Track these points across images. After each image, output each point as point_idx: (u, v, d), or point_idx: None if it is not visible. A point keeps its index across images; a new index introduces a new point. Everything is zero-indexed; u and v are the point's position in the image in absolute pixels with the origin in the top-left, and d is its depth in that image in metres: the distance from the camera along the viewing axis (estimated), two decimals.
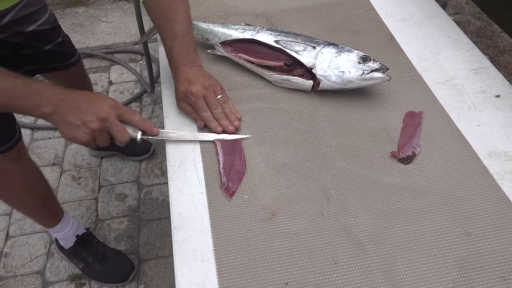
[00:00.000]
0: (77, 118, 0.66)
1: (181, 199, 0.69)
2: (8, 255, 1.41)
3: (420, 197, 0.69)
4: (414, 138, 0.77)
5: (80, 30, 2.24)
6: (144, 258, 1.40)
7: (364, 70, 0.80)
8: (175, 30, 0.79)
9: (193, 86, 0.76)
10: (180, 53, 0.79)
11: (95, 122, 0.67)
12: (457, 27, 1.01)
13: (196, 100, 0.77)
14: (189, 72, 0.78)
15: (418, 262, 0.61)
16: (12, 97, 0.65)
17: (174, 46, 0.79)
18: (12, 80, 0.66)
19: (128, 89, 1.94)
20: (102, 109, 0.68)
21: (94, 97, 0.70)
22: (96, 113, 0.67)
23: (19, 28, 0.98)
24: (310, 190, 0.70)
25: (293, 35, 0.88)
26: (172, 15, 0.80)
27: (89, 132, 0.67)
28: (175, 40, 0.79)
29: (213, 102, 0.77)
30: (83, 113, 0.67)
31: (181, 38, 0.79)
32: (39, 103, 0.66)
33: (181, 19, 0.80)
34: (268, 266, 0.61)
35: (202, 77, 0.78)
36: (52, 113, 0.66)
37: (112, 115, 0.69)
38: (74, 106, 0.67)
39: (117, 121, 0.70)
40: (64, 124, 0.67)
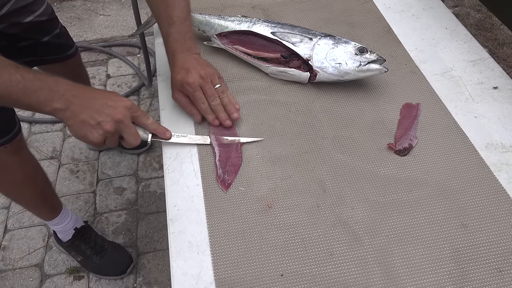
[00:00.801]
0: (91, 117, 0.64)
1: (177, 191, 0.69)
2: (6, 248, 1.41)
3: (417, 189, 0.69)
4: (411, 130, 0.76)
5: (77, 23, 2.23)
6: (142, 251, 1.40)
7: (361, 61, 0.80)
8: (172, 16, 0.76)
9: (189, 75, 0.73)
10: (177, 40, 0.76)
11: (110, 123, 0.64)
12: (455, 19, 1.00)
13: (194, 91, 0.74)
14: (186, 60, 0.75)
15: (414, 254, 0.61)
16: (22, 91, 0.61)
17: (171, 32, 0.76)
18: (23, 73, 0.62)
19: (126, 83, 1.93)
20: (118, 110, 0.65)
21: (109, 96, 0.67)
22: (112, 114, 0.64)
23: (16, 19, 0.98)
24: (306, 182, 0.70)
25: (290, 27, 0.87)
26: (171, 1, 0.77)
27: (102, 133, 0.64)
28: (172, 26, 0.76)
29: (210, 92, 0.75)
30: (98, 112, 0.64)
31: (178, 24, 0.76)
32: (51, 98, 0.62)
33: (179, 5, 0.78)
34: (264, 258, 0.61)
35: (199, 65, 0.75)
36: (64, 109, 0.63)
37: (127, 117, 0.66)
38: (88, 104, 0.64)
39: (131, 124, 0.67)
40: (77, 122, 0.64)
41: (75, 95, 0.64)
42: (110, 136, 0.66)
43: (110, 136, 0.66)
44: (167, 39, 0.77)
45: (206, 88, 0.75)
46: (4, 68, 0.61)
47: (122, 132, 0.67)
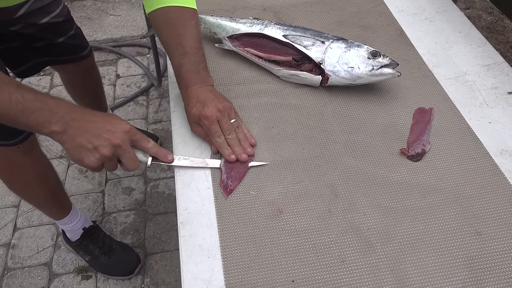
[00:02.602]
0: (88, 141, 0.62)
1: (188, 194, 0.69)
2: (15, 246, 1.42)
3: (430, 195, 0.68)
4: (424, 135, 0.75)
5: (87, 23, 2.24)
6: (150, 252, 1.40)
7: (374, 65, 0.79)
8: (184, 46, 0.74)
9: (206, 108, 0.71)
10: (190, 71, 0.74)
11: (107, 147, 0.62)
12: (469, 22, 0.99)
13: (210, 125, 0.71)
14: (200, 93, 0.73)
15: (427, 261, 0.60)
16: (21, 111, 0.60)
17: (183, 63, 0.74)
18: (23, 93, 0.60)
19: (135, 83, 1.94)
20: (116, 134, 0.63)
21: (108, 119, 0.65)
22: (110, 139, 0.63)
23: (33, 20, 0.98)
24: (317, 187, 0.69)
25: (302, 30, 0.87)
26: (182, 29, 0.74)
27: (99, 158, 0.63)
28: (185, 57, 0.74)
29: (227, 127, 0.72)
30: (96, 136, 0.62)
31: (191, 54, 0.74)
32: (49, 120, 0.61)
33: (191, 34, 0.75)
34: (275, 263, 0.60)
35: (216, 98, 0.73)
36: (61, 132, 0.62)
37: (126, 141, 0.64)
38: (86, 127, 0.63)
39: (130, 148, 0.65)
40: (74, 146, 0.62)
41: (74, 118, 0.62)
42: (108, 160, 0.64)
43: (107, 160, 0.64)
44: (180, 70, 0.75)
45: (223, 122, 0.72)
46: (4, 87, 0.59)
47: (120, 157, 0.65)
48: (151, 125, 1.78)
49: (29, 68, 1.10)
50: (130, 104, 1.85)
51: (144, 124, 1.78)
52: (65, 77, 1.34)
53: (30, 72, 1.12)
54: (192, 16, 0.77)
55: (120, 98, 1.87)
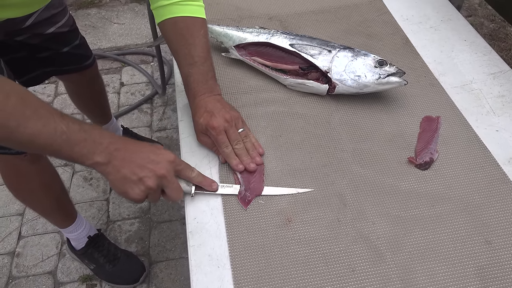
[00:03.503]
0: (132, 172, 0.61)
1: (197, 204, 0.69)
2: (20, 255, 1.42)
3: (439, 204, 0.68)
4: (432, 143, 0.76)
5: (92, 31, 2.26)
6: (155, 260, 1.40)
7: (381, 74, 0.79)
8: (193, 55, 0.74)
9: (214, 119, 0.71)
10: (199, 81, 0.74)
11: (152, 178, 0.61)
12: (474, 31, 0.99)
13: (217, 135, 0.71)
14: (208, 102, 0.73)
15: (437, 271, 0.60)
16: (66, 142, 0.58)
17: (192, 73, 0.74)
18: (68, 123, 0.59)
19: (140, 91, 1.95)
20: (161, 165, 0.62)
21: (152, 149, 0.64)
22: (154, 169, 0.61)
23: (39, 30, 0.99)
24: (326, 196, 0.69)
25: (308, 39, 0.87)
26: (191, 39, 0.75)
27: (144, 190, 0.61)
28: (194, 66, 0.74)
29: (234, 137, 0.72)
30: (140, 167, 0.61)
31: (199, 64, 0.74)
32: (93, 151, 0.59)
33: (200, 43, 0.75)
34: (285, 273, 0.60)
35: (223, 108, 0.73)
36: (106, 163, 0.60)
37: (170, 172, 0.63)
38: (131, 158, 0.61)
39: (174, 178, 0.64)
40: (118, 178, 0.61)
41: (118, 149, 0.61)
42: (152, 192, 0.63)
43: (152, 192, 0.63)
44: (188, 79, 0.75)
45: (230, 132, 0.72)
46: (50, 117, 0.58)
47: (164, 188, 0.64)
48: (155, 133, 1.78)
49: (34, 78, 1.11)
50: (135, 112, 1.86)
51: (148, 132, 1.78)
52: (69, 86, 1.35)
53: (35, 82, 1.12)
54: (201, 26, 0.77)
55: (125, 106, 1.87)
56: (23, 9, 0.88)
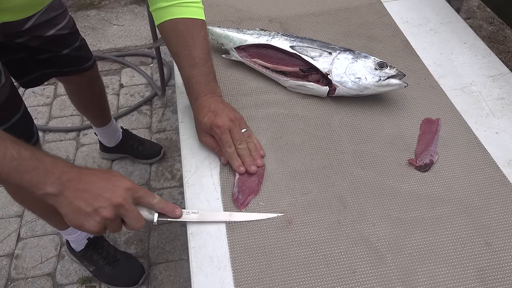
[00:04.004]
0: (87, 203, 0.57)
1: (197, 205, 0.69)
2: (19, 256, 1.41)
3: (439, 206, 0.68)
4: (432, 145, 0.76)
5: (91, 33, 2.26)
6: (154, 262, 1.39)
7: (381, 76, 0.80)
8: (194, 56, 0.74)
9: (218, 118, 0.71)
10: (200, 82, 0.74)
11: (108, 208, 0.57)
12: (473, 33, 1.00)
13: (221, 134, 0.71)
14: (211, 103, 0.73)
15: (438, 272, 0.60)
16: (15, 169, 0.55)
17: (193, 74, 0.74)
18: (20, 149, 0.56)
19: (139, 92, 1.95)
20: (117, 193, 0.58)
21: (107, 177, 0.60)
22: (110, 198, 0.57)
23: (39, 33, 0.99)
24: (326, 198, 0.69)
25: (309, 41, 0.87)
26: (191, 40, 0.75)
27: (100, 221, 0.57)
28: (195, 67, 0.74)
29: (238, 136, 0.72)
30: (95, 197, 0.57)
31: (200, 65, 0.74)
32: (44, 181, 0.56)
33: (200, 45, 0.75)
34: (285, 275, 0.60)
35: (227, 108, 0.74)
36: (58, 194, 0.56)
37: (128, 200, 0.59)
38: (85, 188, 0.57)
39: (133, 206, 0.60)
40: (72, 210, 0.57)
41: (71, 179, 0.57)
42: (110, 222, 0.59)
43: (109, 222, 0.59)
44: (190, 81, 0.75)
45: (234, 132, 0.72)
46: (0, 142, 0.55)
47: (123, 217, 0.60)
48: (154, 134, 1.78)
49: (34, 79, 1.11)
50: (134, 114, 1.86)
51: (147, 134, 1.78)
52: (69, 88, 1.35)
53: (35, 83, 1.12)
54: (201, 27, 0.77)
55: (124, 108, 1.88)
56: (19, 13, 0.88)
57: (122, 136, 1.59)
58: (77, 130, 1.79)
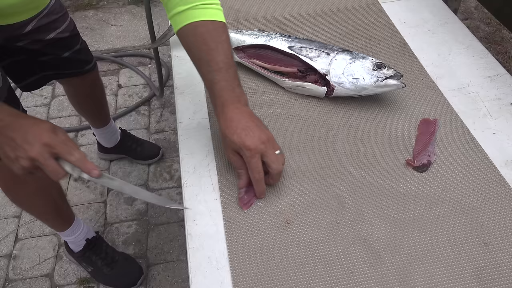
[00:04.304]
0: (11, 150, 0.60)
1: (195, 206, 0.69)
2: (17, 257, 1.41)
3: (436, 206, 0.68)
4: (429, 146, 0.76)
5: (89, 33, 2.26)
6: (153, 262, 1.39)
7: (379, 77, 0.80)
8: (217, 61, 0.69)
9: (249, 139, 0.66)
10: (225, 89, 0.69)
11: (25, 160, 0.60)
12: (470, 34, 1.00)
13: (251, 158, 0.65)
14: (241, 118, 0.68)
15: (435, 273, 0.60)
16: None
17: (217, 80, 0.69)
18: None
19: (137, 93, 1.95)
20: (34, 147, 0.60)
21: (32, 130, 0.61)
22: (27, 151, 0.60)
23: (39, 36, 0.99)
24: (324, 198, 0.69)
25: (307, 41, 0.88)
26: (214, 44, 0.70)
27: (21, 168, 0.61)
28: (219, 73, 0.69)
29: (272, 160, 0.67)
30: (16, 147, 0.60)
31: (224, 71, 0.69)
32: None
33: (223, 49, 0.70)
34: (284, 275, 0.60)
35: (258, 127, 0.68)
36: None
37: (43, 155, 0.60)
38: (12, 136, 0.61)
39: (49, 160, 0.61)
40: (2, 153, 0.62)
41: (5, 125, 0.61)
42: (34, 170, 0.62)
43: (33, 170, 0.62)
44: (213, 87, 0.70)
45: (268, 154, 0.67)
46: None
47: (42, 168, 0.62)
48: (153, 135, 1.78)
49: (34, 82, 1.11)
50: (132, 114, 1.86)
51: (146, 134, 1.78)
52: (69, 90, 1.34)
53: (35, 86, 1.12)
54: (223, 30, 0.72)
55: (122, 108, 1.87)
56: (14, 16, 0.88)
57: (121, 137, 1.59)
58: (75, 130, 1.79)
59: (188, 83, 0.89)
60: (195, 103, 0.85)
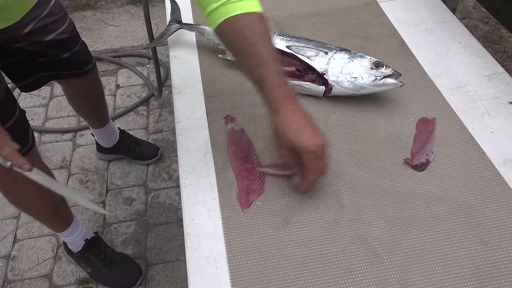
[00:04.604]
0: None
1: (194, 205, 0.69)
2: (15, 258, 1.41)
3: (435, 205, 0.68)
4: (428, 145, 0.76)
5: (87, 33, 2.25)
6: (152, 263, 1.39)
7: (377, 76, 0.80)
8: (262, 55, 0.65)
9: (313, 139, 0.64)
10: (275, 85, 0.65)
11: None
12: (468, 33, 1.00)
13: (316, 159, 0.64)
14: (297, 117, 0.65)
15: (434, 271, 0.60)
16: None
17: (265, 75, 0.65)
18: None
19: (136, 93, 1.94)
20: None
21: None
22: None
23: (38, 38, 0.98)
24: (323, 197, 0.69)
25: (305, 41, 0.88)
26: (253, 37, 0.66)
27: None
28: (264, 67, 0.65)
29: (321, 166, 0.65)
30: None
31: (270, 64, 0.65)
32: None
33: (264, 41, 0.66)
34: (282, 274, 0.60)
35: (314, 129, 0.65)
36: None
37: None
38: None
39: None
40: None
41: None
42: None
43: None
44: (262, 84, 0.66)
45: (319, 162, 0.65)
46: None
47: None
48: (151, 135, 1.78)
49: (33, 83, 1.10)
50: (131, 114, 1.86)
51: (144, 135, 1.78)
52: (68, 90, 1.34)
53: (34, 87, 1.12)
54: (261, 21, 0.68)
55: (121, 108, 1.87)
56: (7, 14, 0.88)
57: (119, 137, 1.59)
58: (73, 131, 1.79)
59: (186, 83, 0.89)
60: (193, 103, 0.85)
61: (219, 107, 0.84)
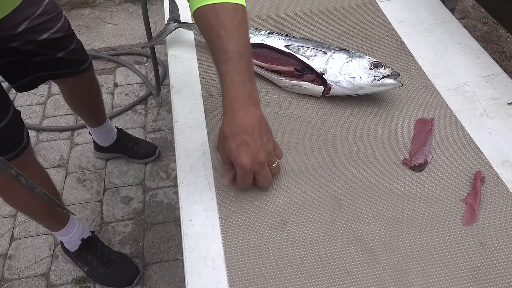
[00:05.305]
0: None
1: (192, 205, 0.69)
2: (12, 257, 1.40)
3: (433, 206, 0.68)
4: (426, 145, 0.76)
5: (85, 32, 2.25)
6: (149, 262, 1.39)
7: (376, 76, 0.80)
8: (227, 50, 0.62)
9: (244, 155, 0.61)
10: (235, 82, 0.62)
11: None
12: (467, 33, 1.00)
13: (244, 175, 0.63)
14: (248, 124, 0.62)
15: (432, 272, 0.60)
16: None
17: (226, 71, 0.62)
18: None
19: (134, 91, 1.94)
20: None
21: None
22: None
23: (32, 37, 0.98)
24: (321, 197, 0.69)
25: (304, 40, 0.87)
26: (222, 30, 0.62)
27: None
28: (228, 63, 0.62)
29: (264, 179, 0.66)
30: None
31: (235, 61, 0.62)
32: None
33: (233, 35, 0.62)
34: (280, 275, 0.60)
35: (260, 139, 0.63)
36: None
37: None
38: None
39: None
40: None
41: None
42: None
43: None
44: (222, 79, 0.63)
45: (260, 176, 0.65)
46: None
47: None
48: (149, 134, 1.77)
49: (28, 83, 1.10)
50: (129, 113, 1.85)
51: (142, 133, 1.77)
52: (64, 89, 1.33)
53: (30, 87, 1.11)
54: (235, 13, 0.63)
55: (119, 107, 1.87)
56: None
57: (117, 136, 1.59)
58: (71, 129, 1.78)
59: (185, 82, 0.89)
60: (192, 102, 0.85)
61: (218, 107, 0.84)
